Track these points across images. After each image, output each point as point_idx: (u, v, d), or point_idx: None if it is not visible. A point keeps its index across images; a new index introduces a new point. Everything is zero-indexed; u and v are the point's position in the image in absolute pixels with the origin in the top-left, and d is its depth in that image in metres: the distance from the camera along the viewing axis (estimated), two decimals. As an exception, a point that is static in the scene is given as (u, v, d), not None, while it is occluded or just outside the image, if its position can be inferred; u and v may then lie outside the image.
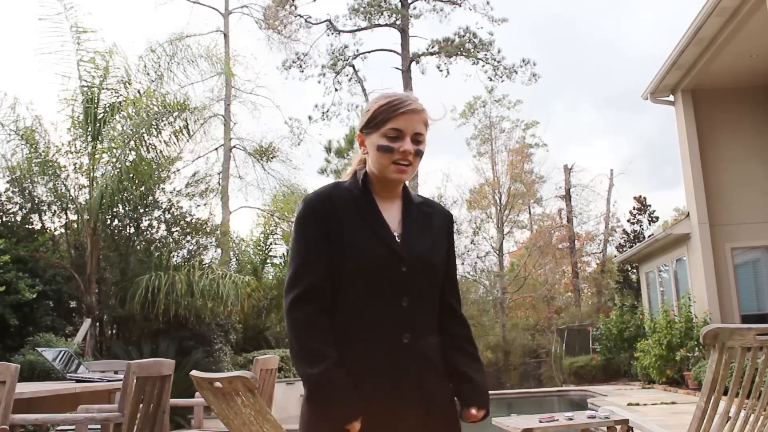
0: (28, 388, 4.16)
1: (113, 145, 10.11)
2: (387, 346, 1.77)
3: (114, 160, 10.31)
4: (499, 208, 24.42)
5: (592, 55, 40.67)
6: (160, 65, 11.17)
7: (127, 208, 11.47)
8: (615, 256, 20.57)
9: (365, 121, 1.91)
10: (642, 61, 40.08)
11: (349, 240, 1.81)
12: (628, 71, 40.12)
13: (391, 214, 1.90)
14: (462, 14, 35.20)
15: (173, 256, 11.66)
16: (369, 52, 26.11)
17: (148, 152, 10.96)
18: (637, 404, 9.72)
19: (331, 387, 1.71)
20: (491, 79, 25.75)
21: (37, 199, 10.67)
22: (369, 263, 1.80)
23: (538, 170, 26.52)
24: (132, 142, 10.48)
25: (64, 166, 10.52)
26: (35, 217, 10.77)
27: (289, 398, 12.30)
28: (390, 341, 1.78)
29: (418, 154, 1.87)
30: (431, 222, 1.95)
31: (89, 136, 10.21)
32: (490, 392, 1.97)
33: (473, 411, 1.85)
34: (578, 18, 38.63)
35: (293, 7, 25.02)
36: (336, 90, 26.06)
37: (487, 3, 25.29)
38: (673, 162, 12.63)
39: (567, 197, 26.07)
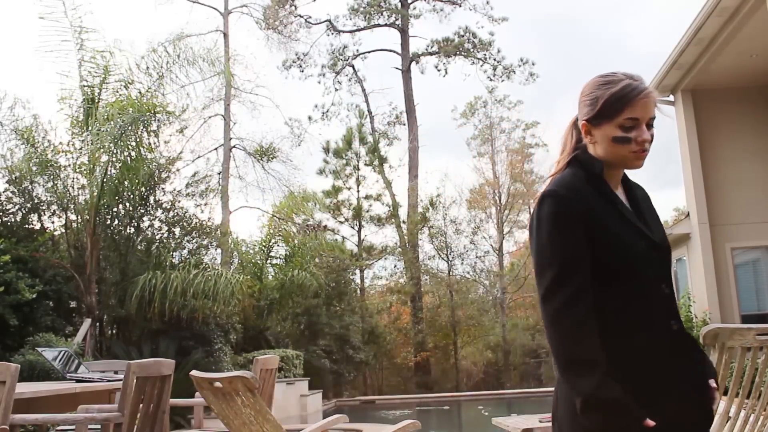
0: (28, 388, 4.16)
1: (113, 145, 10.11)
2: (662, 335, 1.75)
3: (114, 159, 10.31)
4: (499, 208, 24.42)
5: (596, 54, 40.64)
6: (161, 66, 11.17)
7: (127, 208, 11.48)
8: (615, 256, 20.56)
9: (596, 112, 1.78)
10: (646, 60, 40.09)
11: (613, 233, 1.74)
12: (634, 70, 40.07)
13: (623, 201, 1.85)
14: (462, 14, 35.18)
15: (173, 256, 11.67)
16: (369, 52, 26.15)
17: (150, 152, 10.96)
18: (637, 404, 9.71)
19: (612, 399, 1.61)
20: (490, 79, 25.78)
21: (36, 199, 10.67)
22: (635, 254, 1.74)
23: (538, 170, 26.53)
24: (132, 142, 10.48)
25: (64, 166, 10.53)
26: (35, 217, 10.77)
27: (289, 398, 12.30)
28: (663, 330, 1.75)
29: (652, 139, 1.77)
30: (650, 204, 1.91)
31: (89, 136, 10.22)
32: (489, 392, 1.93)
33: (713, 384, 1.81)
34: (582, 17, 38.65)
35: (293, 7, 25.04)
36: (336, 90, 26.09)
37: (487, 2, 25.33)
38: (675, 161, 12.62)
39: (567, 197, 26.07)
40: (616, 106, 1.74)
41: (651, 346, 1.73)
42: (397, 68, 25.15)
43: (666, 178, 40.53)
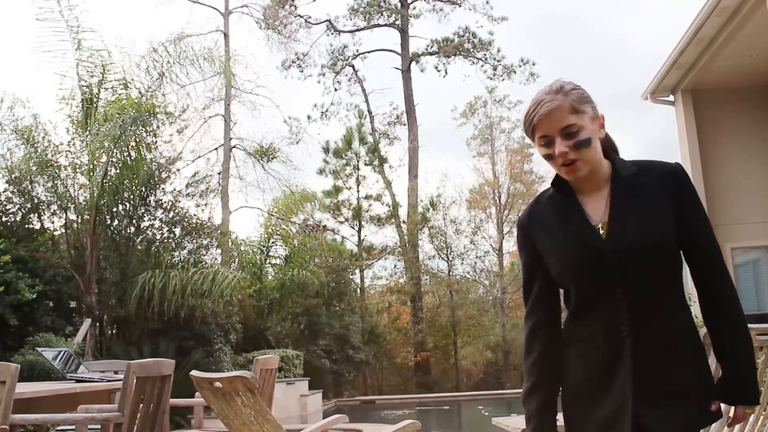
0: (28, 388, 4.16)
1: (112, 145, 10.10)
2: (605, 344, 1.72)
3: (114, 159, 10.31)
4: (498, 208, 24.42)
5: (596, 54, 40.67)
6: (161, 65, 11.17)
7: (127, 208, 11.48)
8: (615, 256, 20.56)
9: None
10: (646, 60, 40.09)
11: (550, 246, 1.81)
12: (634, 70, 40.08)
13: (598, 205, 1.79)
14: (462, 14, 35.19)
15: (173, 256, 11.67)
16: (369, 52, 26.15)
17: (149, 152, 10.96)
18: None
19: (527, 410, 1.85)
20: (490, 79, 25.79)
21: (36, 199, 10.67)
22: (574, 264, 1.76)
23: (538, 170, 26.52)
24: (132, 142, 10.48)
25: (64, 166, 10.53)
26: (35, 217, 10.77)
27: (289, 398, 12.31)
28: (609, 338, 1.72)
29: (578, 145, 1.72)
30: (645, 192, 1.76)
31: (88, 136, 10.22)
32: (489, 392, 1.92)
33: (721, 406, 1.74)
34: (582, 17, 38.64)
35: (293, 7, 25.04)
36: (336, 90, 26.09)
37: (487, 2, 25.33)
38: (677, 161, 12.67)
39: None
40: (528, 130, 1.80)
41: (585, 356, 1.75)
42: (397, 68, 25.16)
43: (666, 178, 40.59)
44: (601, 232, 1.76)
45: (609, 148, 1.85)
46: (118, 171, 10.40)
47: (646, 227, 1.71)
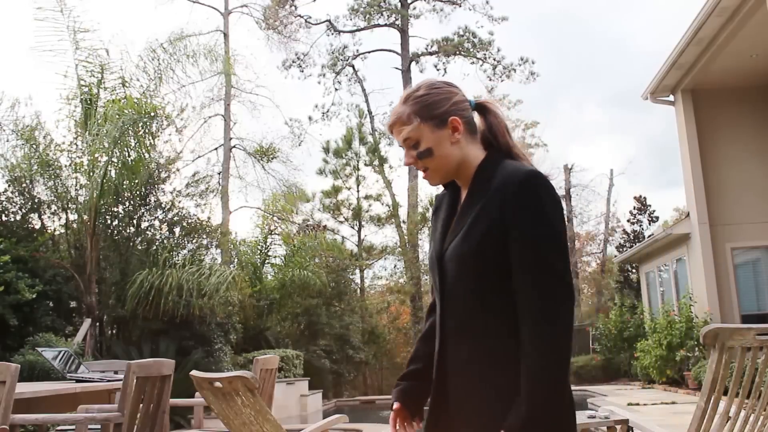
0: (28, 388, 4.16)
1: (112, 144, 10.10)
2: (435, 349, 1.71)
3: (113, 160, 10.31)
4: (499, 208, 24.43)
5: (598, 53, 40.67)
6: (161, 64, 11.17)
7: (127, 208, 11.48)
8: (615, 256, 20.56)
9: None
10: (646, 59, 40.08)
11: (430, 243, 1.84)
12: (636, 69, 40.06)
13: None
14: (462, 14, 35.21)
15: (173, 256, 11.67)
16: (369, 52, 26.14)
17: (148, 152, 10.96)
18: (637, 404, 9.73)
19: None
20: (490, 79, 25.79)
21: (36, 199, 10.67)
22: (429, 264, 1.77)
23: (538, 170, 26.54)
24: (132, 142, 10.48)
25: (65, 166, 10.53)
26: (35, 217, 10.77)
27: (289, 398, 12.30)
28: (437, 343, 1.71)
29: (421, 156, 1.70)
30: (473, 205, 1.66)
31: (88, 135, 10.22)
32: None
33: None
34: (582, 17, 38.63)
35: (293, 7, 25.03)
36: (336, 90, 26.08)
37: (487, 2, 25.32)
38: (677, 162, 12.66)
39: (567, 197, 26.07)
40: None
41: (434, 360, 1.75)
42: (397, 68, 25.15)
43: (668, 178, 40.55)
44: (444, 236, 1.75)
45: (497, 147, 1.75)
46: (118, 171, 10.40)
47: (466, 239, 1.63)
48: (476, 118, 1.79)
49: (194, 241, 12.53)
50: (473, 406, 1.61)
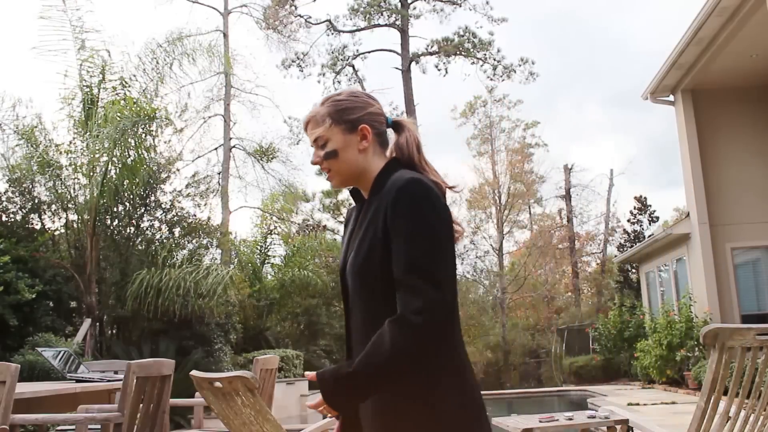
0: (28, 388, 4.16)
1: (113, 145, 10.10)
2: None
3: (114, 160, 10.32)
4: (498, 207, 24.42)
5: (599, 53, 40.68)
6: (160, 64, 11.17)
7: (127, 208, 11.48)
8: (615, 256, 20.56)
9: None
10: (646, 59, 40.07)
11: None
12: (636, 69, 40.07)
13: None
14: (462, 14, 35.22)
15: (172, 256, 11.67)
16: (369, 52, 26.14)
17: (148, 153, 10.96)
18: (637, 404, 9.73)
19: None
20: (490, 79, 25.80)
21: (37, 199, 10.67)
22: (339, 277, 1.81)
23: (538, 170, 26.54)
24: (132, 142, 10.48)
25: (65, 166, 10.53)
26: (35, 217, 10.77)
27: (289, 398, 12.30)
28: (346, 352, 1.78)
29: (327, 156, 1.75)
30: (367, 215, 1.69)
31: (89, 135, 10.22)
32: (489, 392, 1.88)
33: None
34: (582, 16, 38.64)
35: (293, 7, 25.03)
36: (335, 90, 26.09)
37: (487, 3, 25.32)
38: (677, 162, 12.69)
39: (567, 197, 26.07)
40: None
41: None
42: (397, 68, 25.15)
43: (669, 178, 40.55)
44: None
45: (401, 160, 1.76)
46: (118, 171, 10.40)
47: (357, 253, 1.66)
48: (391, 135, 1.82)
49: (194, 241, 12.53)
50: (375, 412, 1.63)
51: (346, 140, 1.74)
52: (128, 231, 11.72)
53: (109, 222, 11.24)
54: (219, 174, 19.98)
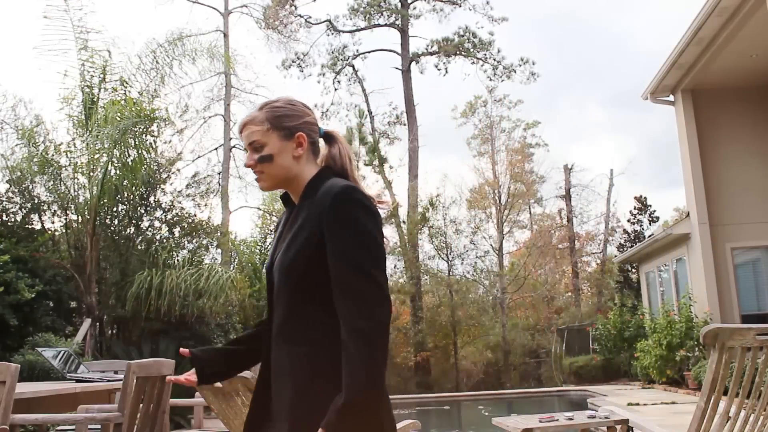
0: (28, 388, 4.16)
1: (113, 144, 10.10)
2: (265, 361, 1.81)
3: (114, 160, 10.32)
4: (498, 207, 24.43)
5: (600, 53, 40.67)
6: (161, 64, 11.17)
7: (127, 208, 11.48)
8: (615, 256, 20.56)
9: None
10: (647, 59, 40.07)
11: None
12: (637, 69, 40.06)
13: None
14: (462, 14, 35.22)
15: (172, 256, 11.67)
16: (369, 52, 26.14)
17: (148, 153, 10.97)
18: (637, 404, 9.73)
19: None
20: (490, 79, 25.80)
21: (37, 199, 10.68)
22: (266, 275, 1.86)
23: (538, 170, 26.54)
24: (132, 142, 10.48)
25: (65, 166, 10.53)
26: (35, 217, 10.77)
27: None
28: (266, 357, 1.81)
29: (261, 160, 1.81)
30: (298, 218, 1.76)
31: (88, 135, 10.22)
32: (489, 392, 1.89)
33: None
34: (582, 16, 38.63)
35: (293, 7, 25.04)
36: (335, 90, 26.08)
37: (487, 3, 25.33)
38: (678, 162, 12.72)
39: (567, 197, 26.07)
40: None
41: (260, 369, 1.84)
42: (397, 68, 25.15)
43: (669, 178, 40.56)
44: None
45: (333, 169, 1.84)
46: (118, 171, 10.40)
47: (286, 252, 1.73)
48: (322, 145, 1.90)
49: (194, 241, 12.53)
50: (288, 409, 1.67)
51: (282, 146, 1.81)
52: (128, 231, 11.72)
53: (109, 222, 11.24)
54: (219, 174, 19.98)
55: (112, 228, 11.39)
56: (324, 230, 1.66)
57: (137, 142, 10.55)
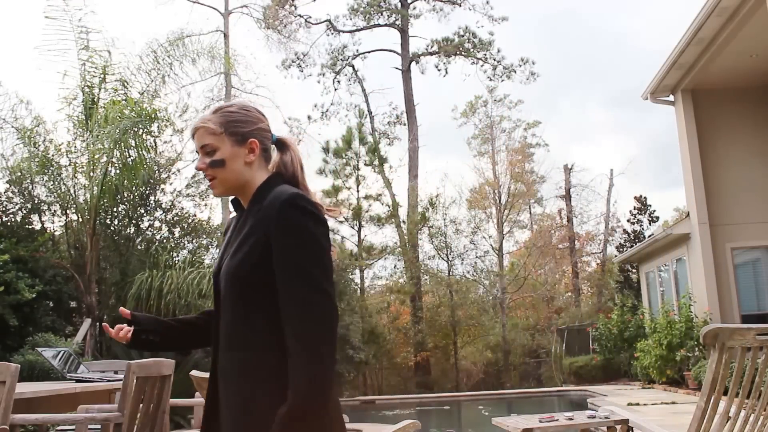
0: (28, 388, 4.16)
1: (113, 144, 10.11)
2: (214, 365, 1.81)
3: (114, 160, 10.32)
4: (499, 207, 24.42)
5: (601, 52, 40.65)
6: (161, 65, 11.17)
7: (127, 208, 11.48)
8: (615, 256, 20.56)
9: None
10: (648, 58, 40.04)
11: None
12: (638, 69, 40.02)
13: None
14: (462, 14, 35.22)
15: (172, 257, 11.67)
16: (369, 52, 26.15)
17: (148, 153, 10.97)
18: (637, 404, 9.73)
19: None
20: (490, 79, 25.81)
21: (37, 199, 10.68)
22: (213, 279, 1.86)
23: (539, 170, 26.54)
24: (132, 142, 10.48)
25: (65, 166, 10.53)
26: (35, 217, 10.78)
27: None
28: (215, 361, 1.81)
29: (214, 164, 1.80)
30: (246, 224, 1.76)
31: (89, 135, 10.23)
32: (489, 392, 1.89)
33: None
34: (586, 15, 38.62)
35: (293, 7, 25.04)
36: (335, 90, 26.09)
37: (487, 2, 25.34)
38: (678, 162, 12.74)
39: (567, 197, 26.06)
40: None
41: (210, 373, 1.83)
42: (397, 68, 25.15)
43: (670, 178, 40.54)
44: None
45: (284, 176, 1.84)
46: (118, 171, 10.41)
47: (232, 258, 1.73)
48: (274, 152, 1.90)
49: (194, 241, 12.53)
50: (234, 416, 1.68)
51: (235, 152, 1.81)
52: (128, 231, 11.72)
53: (109, 222, 11.24)
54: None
55: (112, 228, 11.39)
56: (271, 237, 1.66)
57: (137, 142, 10.55)
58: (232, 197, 1.89)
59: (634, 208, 20.92)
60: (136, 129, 10.35)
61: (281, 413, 1.54)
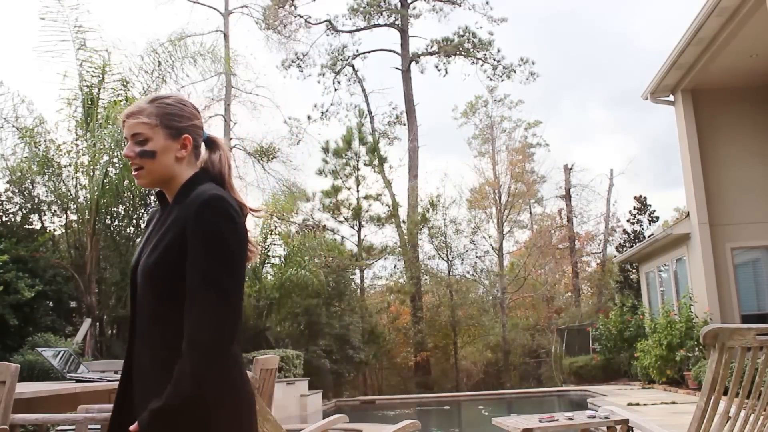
0: (28, 388, 4.16)
1: (113, 144, 10.11)
2: (127, 360, 1.79)
3: (114, 160, 10.32)
4: (499, 207, 24.42)
5: (601, 52, 40.63)
6: (161, 65, 11.17)
7: (127, 208, 11.49)
8: (615, 256, 20.56)
9: None
10: (648, 58, 40.03)
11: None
12: (638, 69, 40.00)
13: None
14: (462, 14, 35.20)
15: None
16: (369, 52, 26.16)
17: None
18: (637, 404, 9.73)
19: None
20: (490, 79, 25.81)
21: (37, 199, 10.68)
22: (131, 276, 1.83)
23: (539, 170, 26.53)
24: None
25: (65, 166, 10.53)
26: (35, 217, 10.78)
27: (289, 398, 12.31)
28: (128, 356, 1.79)
29: (142, 154, 1.77)
30: (167, 220, 1.75)
31: (89, 135, 10.23)
32: (489, 392, 1.88)
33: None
34: (586, 15, 38.61)
35: (293, 7, 25.04)
36: (335, 90, 26.09)
37: (487, 3, 25.35)
38: (679, 161, 12.73)
39: (567, 197, 26.06)
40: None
41: (124, 366, 1.82)
42: (397, 68, 25.16)
43: (671, 178, 40.55)
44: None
45: (210, 173, 1.84)
46: (118, 171, 10.41)
47: (150, 255, 1.71)
48: (203, 150, 1.89)
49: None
50: (143, 408, 1.66)
51: (167, 145, 1.79)
52: (128, 231, 11.73)
53: (109, 222, 11.24)
54: (219, 174, 19.95)
55: (112, 228, 11.39)
56: (187, 236, 1.65)
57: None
58: (158, 190, 1.87)
59: (634, 208, 20.92)
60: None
61: (150, 408, 1.57)
